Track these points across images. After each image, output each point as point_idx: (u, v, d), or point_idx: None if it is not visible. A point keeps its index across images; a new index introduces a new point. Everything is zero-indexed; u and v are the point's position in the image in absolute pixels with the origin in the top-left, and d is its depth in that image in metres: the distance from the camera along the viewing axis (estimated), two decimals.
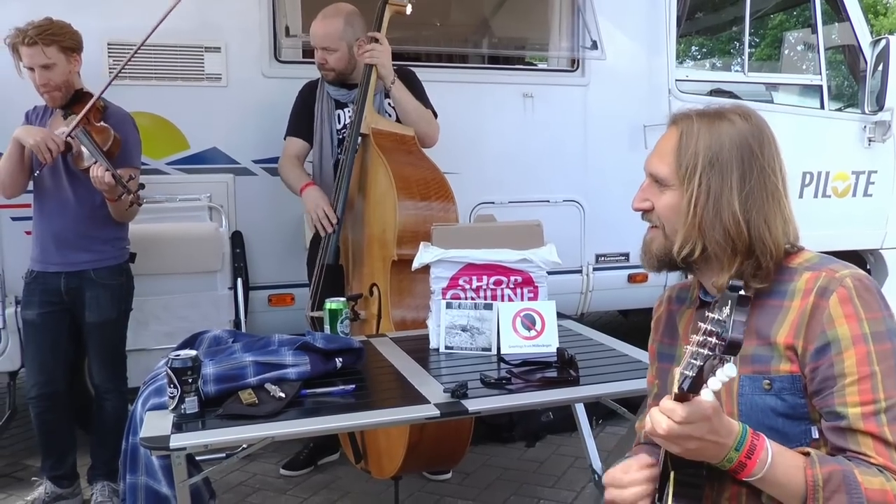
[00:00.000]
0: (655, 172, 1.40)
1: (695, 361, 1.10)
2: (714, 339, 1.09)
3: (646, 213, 1.44)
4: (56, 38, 2.83)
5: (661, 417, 1.16)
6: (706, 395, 1.11)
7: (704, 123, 1.37)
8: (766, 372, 1.31)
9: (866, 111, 4.62)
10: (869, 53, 4.57)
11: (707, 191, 1.33)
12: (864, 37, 4.66)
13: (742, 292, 1.10)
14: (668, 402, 1.15)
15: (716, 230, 1.33)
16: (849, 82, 5.46)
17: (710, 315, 1.11)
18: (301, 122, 3.42)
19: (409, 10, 3.26)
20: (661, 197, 1.39)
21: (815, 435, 1.29)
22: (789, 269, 1.35)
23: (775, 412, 1.29)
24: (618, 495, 1.33)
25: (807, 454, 1.22)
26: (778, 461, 1.20)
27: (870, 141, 4.67)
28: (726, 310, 1.09)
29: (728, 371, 1.08)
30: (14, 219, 3.32)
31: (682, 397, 1.12)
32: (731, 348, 1.08)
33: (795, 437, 1.28)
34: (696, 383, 1.10)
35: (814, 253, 1.39)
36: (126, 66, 3.07)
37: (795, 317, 1.29)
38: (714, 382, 1.09)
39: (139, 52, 3.02)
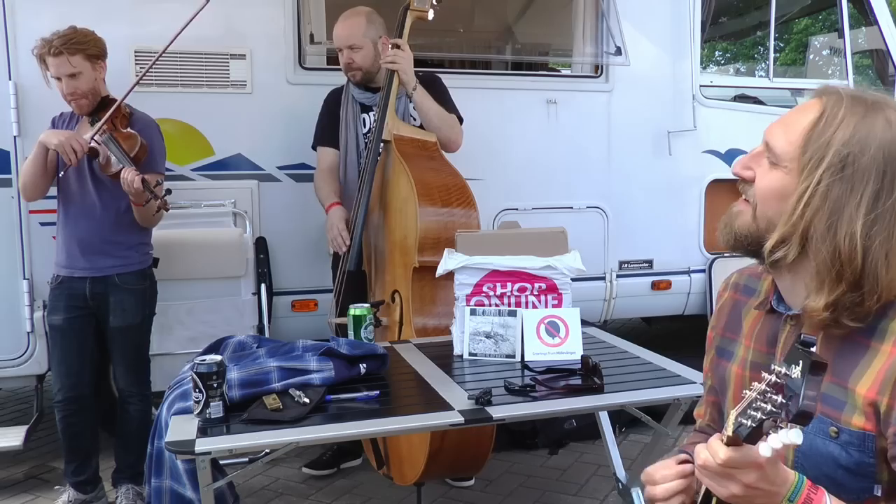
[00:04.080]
0: (773, 144, 1.16)
1: (755, 413, 0.97)
2: (780, 398, 0.95)
3: (743, 181, 1.22)
4: (80, 46, 2.87)
5: (705, 454, 1.05)
6: (764, 450, 0.97)
7: (855, 112, 1.11)
8: (835, 419, 1.13)
9: None
10: None
11: (825, 194, 1.09)
12: (893, 41, 4.60)
13: (816, 357, 0.94)
14: (715, 443, 1.04)
15: (824, 245, 1.10)
16: (876, 87, 5.40)
17: (777, 368, 0.96)
18: (328, 130, 3.44)
19: (430, 15, 3.25)
20: (767, 172, 1.17)
21: (878, 493, 1.12)
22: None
23: (837, 463, 1.13)
24: (650, 491, 1.24)
25: None
26: None
27: None
28: (797, 370, 0.94)
29: (793, 437, 0.94)
30: (43, 224, 3.36)
31: (734, 442, 1.01)
32: (801, 419, 0.93)
33: (854, 492, 1.12)
34: (754, 435, 0.99)
35: None
36: (152, 73, 3.10)
37: (884, 366, 1.09)
38: (775, 440, 0.95)
39: (165, 59, 3.06)
